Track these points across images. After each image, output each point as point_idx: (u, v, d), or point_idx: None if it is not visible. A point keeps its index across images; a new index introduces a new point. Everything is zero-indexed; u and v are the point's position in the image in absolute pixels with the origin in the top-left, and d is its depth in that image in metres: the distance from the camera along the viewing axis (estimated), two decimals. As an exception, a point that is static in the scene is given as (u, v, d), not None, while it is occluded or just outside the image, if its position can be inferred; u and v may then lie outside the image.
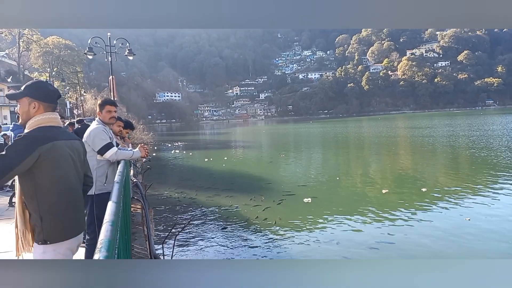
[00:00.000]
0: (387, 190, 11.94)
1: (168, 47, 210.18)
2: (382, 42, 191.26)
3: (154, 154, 27.16)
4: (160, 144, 40.07)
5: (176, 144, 39.55)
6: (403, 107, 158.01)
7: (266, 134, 56.44)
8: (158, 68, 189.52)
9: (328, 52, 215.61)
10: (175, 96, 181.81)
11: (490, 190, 11.58)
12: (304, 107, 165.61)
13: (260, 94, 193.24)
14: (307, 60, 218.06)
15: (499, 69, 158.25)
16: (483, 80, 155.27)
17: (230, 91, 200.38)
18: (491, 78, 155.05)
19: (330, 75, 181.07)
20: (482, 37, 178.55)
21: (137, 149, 4.06)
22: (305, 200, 11.02)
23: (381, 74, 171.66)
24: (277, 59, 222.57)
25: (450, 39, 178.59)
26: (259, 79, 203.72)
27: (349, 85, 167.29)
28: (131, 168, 7.39)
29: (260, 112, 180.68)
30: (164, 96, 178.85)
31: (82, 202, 2.27)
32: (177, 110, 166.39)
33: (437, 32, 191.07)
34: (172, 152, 30.54)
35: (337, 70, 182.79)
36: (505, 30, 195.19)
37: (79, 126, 9.49)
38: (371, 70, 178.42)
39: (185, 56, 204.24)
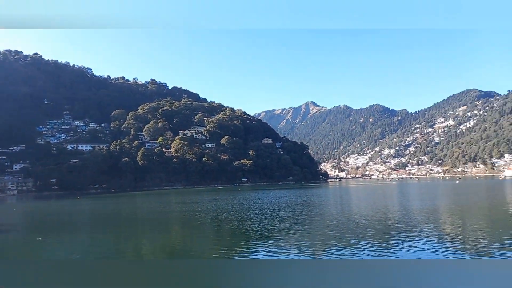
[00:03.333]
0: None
1: None
2: (158, 121, 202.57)
3: None
4: None
5: None
6: (176, 183, 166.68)
7: (19, 213, 46.53)
8: None
9: (102, 125, 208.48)
10: None
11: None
12: (72, 181, 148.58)
13: (14, 165, 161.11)
14: (78, 130, 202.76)
15: (251, 153, 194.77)
16: (239, 161, 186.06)
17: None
18: (245, 160, 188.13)
19: (104, 148, 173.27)
20: (238, 126, 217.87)
21: None
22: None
23: (156, 150, 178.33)
24: (41, 127, 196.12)
25: (214, 125, 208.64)
26: (15, 148, 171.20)
27: (124, 159, 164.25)
28: None
29: (12, 186, 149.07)
30: None
31: None
32: None
33: (205, 118, 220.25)
34: None
35: (112, 143, 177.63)
36: (254, 122, 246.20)
37: None
38: (146, 146, 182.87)
39: None
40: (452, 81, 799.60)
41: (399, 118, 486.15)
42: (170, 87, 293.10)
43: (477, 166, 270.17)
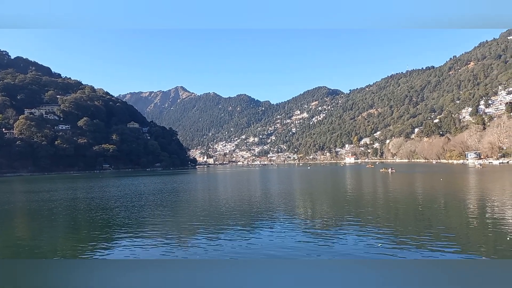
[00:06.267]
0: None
1: None
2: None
3: None
4: None
5: None
6: (20, 169, 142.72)
7: None
8: None
9: None
10: None
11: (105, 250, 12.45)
12: None
13: None
14: None
15: (114, 137, 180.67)
16: (100, 145, 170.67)
17: None
18: (107, 144, 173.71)
19: None
20: (99, 107, 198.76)
21: None
22: None
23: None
24: None
25: (70, 104, 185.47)
26: None
27: None
28: None
29: None
30: None
31: None
32: None
33: (58, 96, 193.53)
34: None
35: None
36: (118, 104, 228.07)
37: None
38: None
39: None
40: (307, 78, 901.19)
41: (263, 108, 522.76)
42: (12, 57, 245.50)
43: (324, 154, 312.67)
